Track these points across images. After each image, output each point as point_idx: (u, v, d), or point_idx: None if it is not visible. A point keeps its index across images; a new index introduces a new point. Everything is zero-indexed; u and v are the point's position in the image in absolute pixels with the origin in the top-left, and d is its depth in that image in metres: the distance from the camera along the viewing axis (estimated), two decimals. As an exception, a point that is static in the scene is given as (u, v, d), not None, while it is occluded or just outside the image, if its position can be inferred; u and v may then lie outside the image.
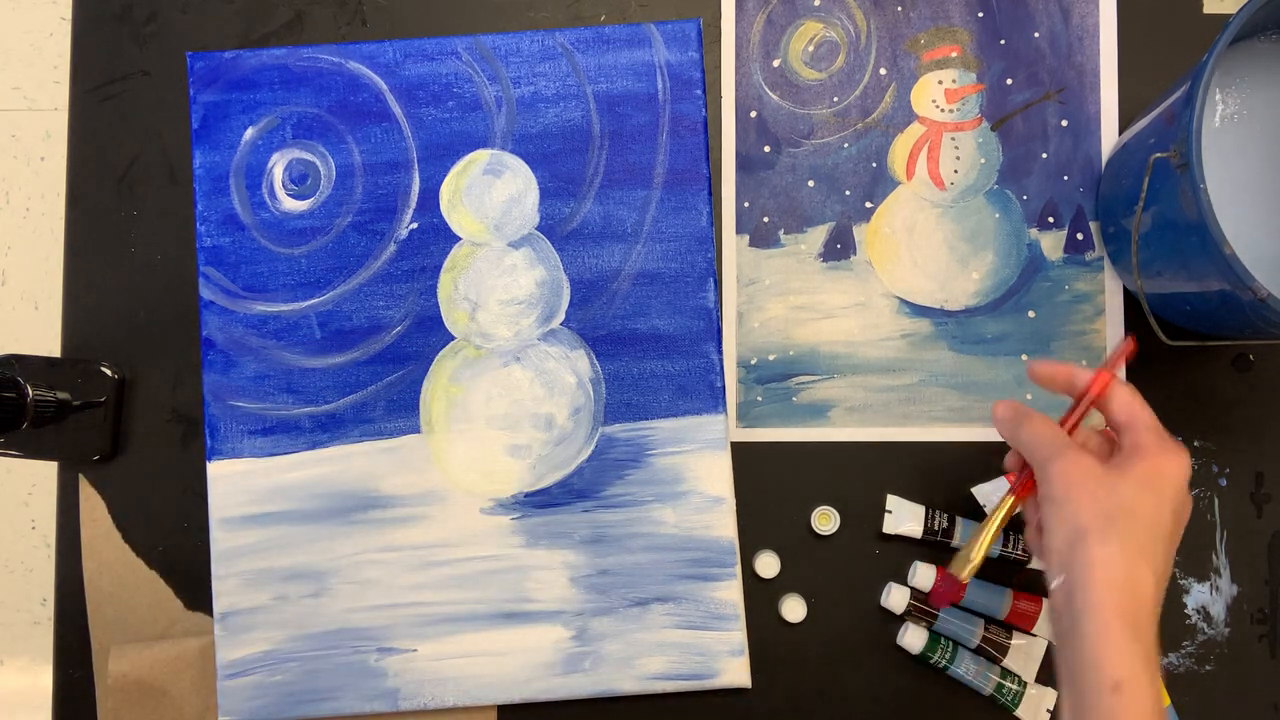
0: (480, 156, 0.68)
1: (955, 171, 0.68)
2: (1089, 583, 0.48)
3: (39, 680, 1.45)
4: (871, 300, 0.68)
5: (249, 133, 0.68)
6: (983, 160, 0.68)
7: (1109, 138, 0.68)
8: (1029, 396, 0.67)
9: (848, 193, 0.68)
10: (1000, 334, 0.67)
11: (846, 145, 0.69)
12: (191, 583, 0.68)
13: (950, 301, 0.68)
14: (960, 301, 0.68)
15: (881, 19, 0.69)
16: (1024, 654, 0.65)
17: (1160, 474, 0.51)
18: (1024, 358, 0.67)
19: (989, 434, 0.67)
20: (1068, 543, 0.50)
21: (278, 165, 0.68)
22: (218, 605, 0.66)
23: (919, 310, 0.68)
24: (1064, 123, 0.68)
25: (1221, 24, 0.52)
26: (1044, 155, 0.68)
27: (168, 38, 0.71)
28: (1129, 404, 0.53)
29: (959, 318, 0.68)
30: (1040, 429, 0.53)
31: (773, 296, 0.68)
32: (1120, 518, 0.49)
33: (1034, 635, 0.65)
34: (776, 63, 0.69)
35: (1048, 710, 0.65)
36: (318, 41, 0.70)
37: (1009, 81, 0.68)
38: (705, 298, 0.67)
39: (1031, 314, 0.67)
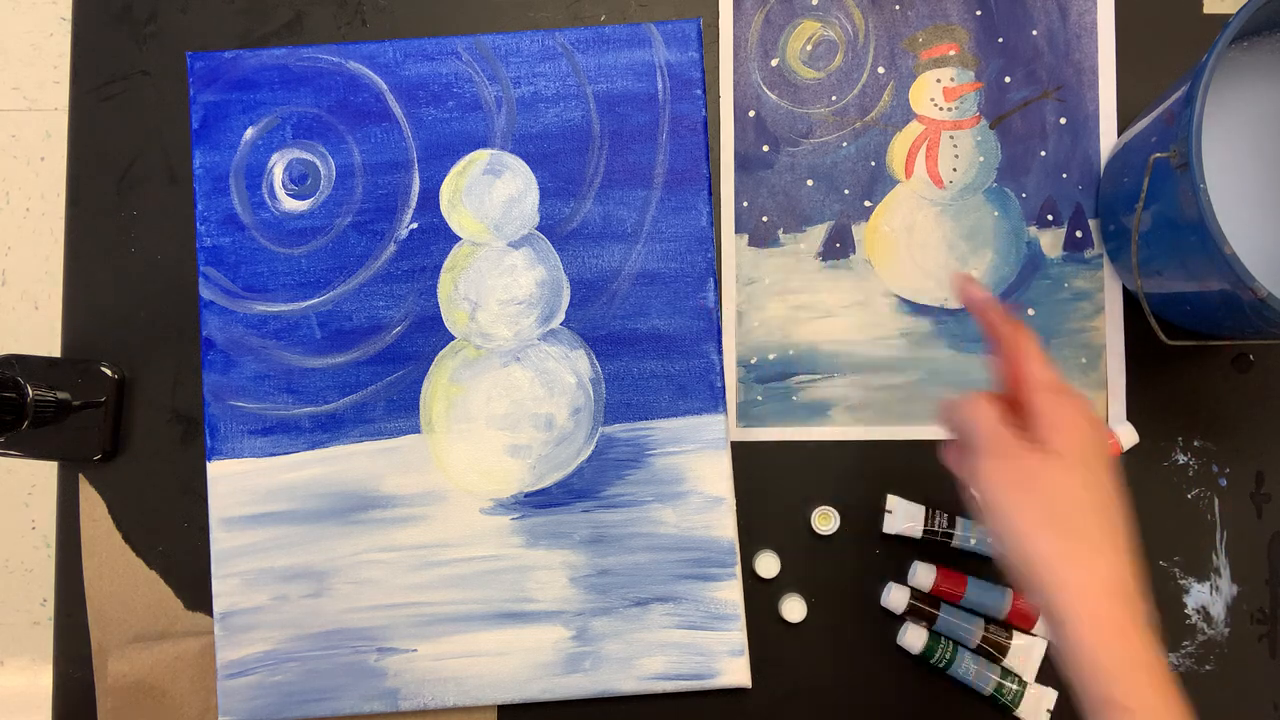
0: (480, 156, 0.68)
1: (954, 170, 0.68)
2: (1047, 591, 0.45)
3: (39, 680, 1.45)
4: (871, 299, 0.68)
5: (249, 133, 0.68)
6: (981, 158, 0.68)
7: (1108, 135, 0.68)
8: (1029, 396, 0.67)
9: (846, 192, 0.68)
10: (1000, 333, 0.67)
11: (845, 144, 0.69)
12: (191, 583, 0.68)
13: (950, 300, 0.68)
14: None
15: (879, 17, 0.69)
16: (1024, 654, 0.65)
17: (1058, 445, 0.47)
18: None
19: (989, 433, 0.67)
20: (1014, 550, 0.47)
21: (278, 165, 0.68)
22: (218, 605, 0.66)
23: (918, 309, 0.68)
24: (1062, 120, 0.68)
25: (1221, 24, 0.52)
26: (1042, 153, 0.68)
27: (168, 38, 0.71)
28: (1015, 360, 0.50)
29: (959, 316, 0.68)
30: (972, 414, 0.50)
31: (772, 296, 0.68)
32: (1049, 512, 0.46)
33: (1034, 635, 0.65)
34: (775, 62, 0.69)
35: (1048, 710, 0.65)
36: (318, 41, 0.70)
37: (1007, 79, 0.68)
38: (705, 298, 0.67)
39: (1031, 311, 0.67)
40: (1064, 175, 0.68)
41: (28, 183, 1.46)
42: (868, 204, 0.68)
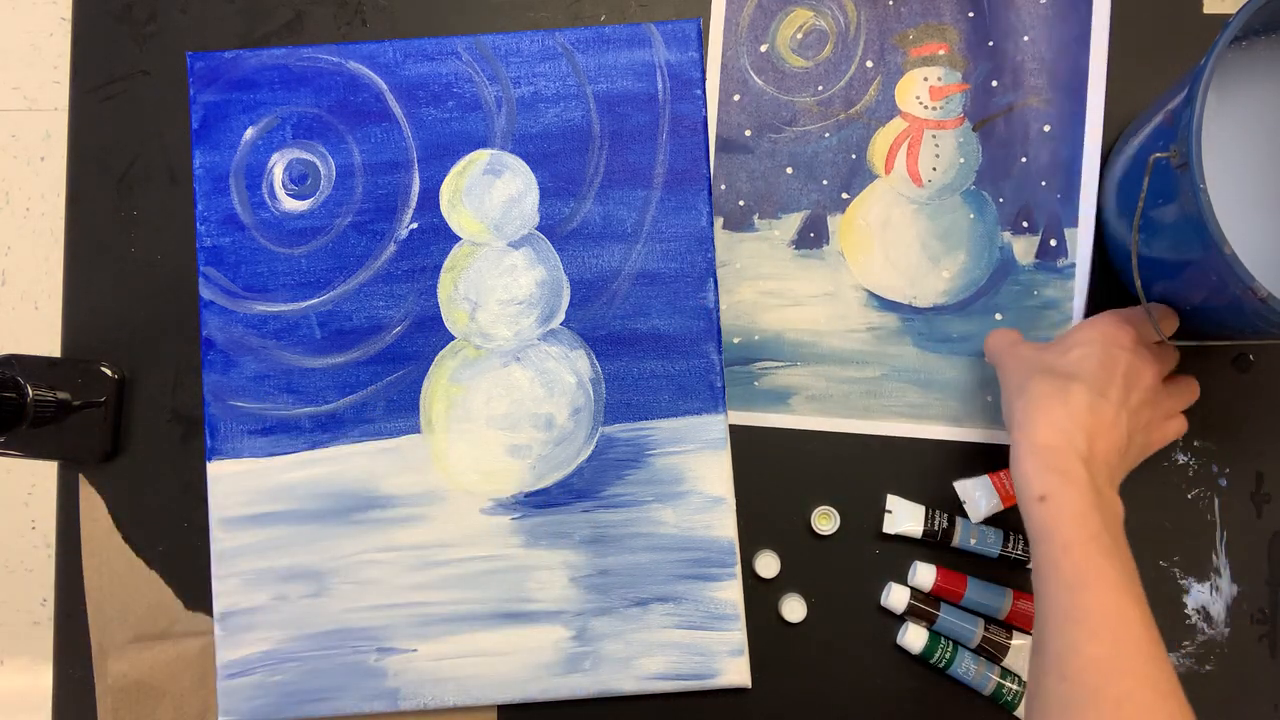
0: (480, 156, 0.68)
1: (934, 169, 0.68)
2: (1012, 427, 0.56)
3: (39, 680, 1.46)
4: (840, 291, 0.68)
5: (249, 133, 0.68)
6: (962, 160, 0.68)
7: (1092, 146, 0.67)
8: (989, 399, 0.66)
9: (825, 182, 0.68)
10: (966, 334, 0.67)
11: (827, 135, 0.69)
12: (191, 583, 0.68)
13: (919, 298, 0.68)
14: (929, 299, 0.68)
15: (872, 11, 0.69)
16: (1024, 654, 0.65)
17: (1072, 333, 0.59)
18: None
19: (945, 432, 0.67)
20: (1006, 406, 0.58)
21: (278, 165, 0.68)
22: (218, 605, 0.66)
23: (887, 305, 0.68)
24: (1046, 128, 0.67)
25: (1221, 24, 0.52)
26: (1023, 159, 0.68)
27: (168, 38, 0.71)
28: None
29: (926, 315, 0.68)
30: (997, 337, 0.64)
31: (743, 280, 0.68)
32: (1038, 371, 0.57)
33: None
34: (764, 48, 0.69)
35: (1047, 710, 0.65)
36: (318, 41, 0.70)
37: (994, 83, 0.68)
38: (705, 298, 0.67)
39: (999, 316, 0.67)
40: (1043, 183, 0.67)
41: (28, 183, 1.47)
42: (845, 196, 0.68)
